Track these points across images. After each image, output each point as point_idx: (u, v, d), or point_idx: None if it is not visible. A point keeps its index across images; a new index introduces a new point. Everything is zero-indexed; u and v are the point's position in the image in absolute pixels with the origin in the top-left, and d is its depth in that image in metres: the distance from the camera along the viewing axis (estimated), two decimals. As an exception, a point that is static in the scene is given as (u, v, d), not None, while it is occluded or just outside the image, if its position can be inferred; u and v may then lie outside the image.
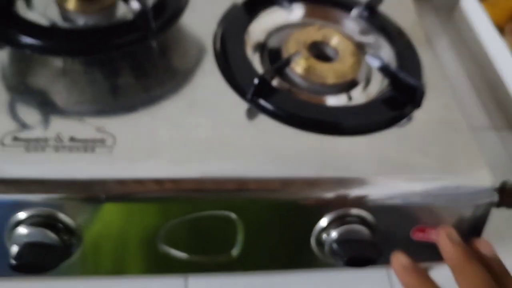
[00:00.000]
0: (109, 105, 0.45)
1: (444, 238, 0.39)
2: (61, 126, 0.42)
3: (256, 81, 0.43)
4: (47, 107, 0.43)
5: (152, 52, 0.50)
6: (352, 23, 0.56)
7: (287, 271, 0.46)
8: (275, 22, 0.55)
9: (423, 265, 0.49)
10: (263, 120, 0.44)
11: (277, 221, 0.42)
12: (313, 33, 0.52)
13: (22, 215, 0.38)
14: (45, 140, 0.40)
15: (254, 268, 0.44)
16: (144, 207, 0.40)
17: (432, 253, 0.45)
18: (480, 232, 0.45)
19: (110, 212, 0.39)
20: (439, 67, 0.52)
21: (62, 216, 0.38)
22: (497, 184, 0.45)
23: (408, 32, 0.56)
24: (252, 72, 0.46)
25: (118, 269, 0.42)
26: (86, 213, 0.39)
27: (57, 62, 0.48)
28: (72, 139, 0.40)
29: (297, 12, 0.56)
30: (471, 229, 0.45)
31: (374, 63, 0.49)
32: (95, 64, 0.48)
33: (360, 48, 0.54)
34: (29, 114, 0.42)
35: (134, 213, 0.40)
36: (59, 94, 0.45)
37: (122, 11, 0.53)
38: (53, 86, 0.45)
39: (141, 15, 0.49)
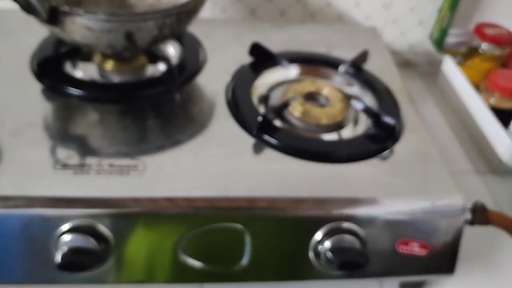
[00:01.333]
0: (140, 145, 0.54)
1: None
2: (102, 156, 0.51)
3: (259, 119, 0.53)
4: (88, 146, 0.52)
5: (175, 102, 0.60)
6: (340, 78, 0.67)
7: (291, 282, 0.53)
8: (276, 78, 0.65)
9: (411, 278, 0.55)
10: (268, 152, 0.53)
11: (281, 234, 0.50)
12: (308, 86, 0.62)
13: (66, 226, 0.46)
14: (89, 165, 0.49)
15: (262, 278, 0.51)
16: (168, 220, 0.48)
17: (417, 266, 0.52)
18: (457, 247, 0.52)
19: (140, 225, 0.47)
20: (416, 114, 0.62)
21: (100, 227, 0.47)
22: (469, 205, 0.52)
23: (387, 83, 0.66)
24: (257, 114, 0.56)
25: (146, 277, 0.49)
26: (120, 226, 0.47)
27: (95, 111, 0.58)
28: (111, 165, 0.49)
29: (294, 71, 0.67)
30: (449, 245, 0.52)
31: (358, 106, 0.59)
32: (127, 112, 0.59)
33: (348, 97, 0.64)
34: (74, 149, 0.51)
35: (160, 226, 0.48)
36: (97, 137, 0.55)
37: (151, 71, 0.64)
38: (92, 130, 0.55)
39: (168, 72, 0.60)
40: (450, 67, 0.89)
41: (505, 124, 0.74)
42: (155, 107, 0.59)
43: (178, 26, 0.56)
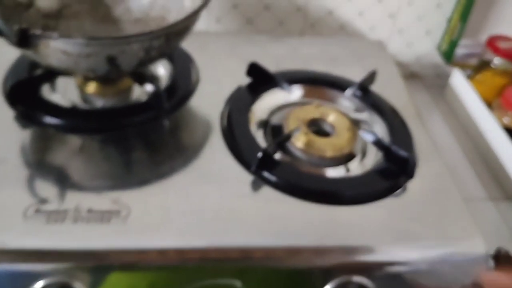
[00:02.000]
0: (124, 178, 0.48)
1: None
2: (80, 199, 0.45)
3: (259, 154, 0.47)
4: (67, 181, 0.46)
5: (164, 129, 0.54)
6: (346, 101, 0.61)
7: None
8: (276, 101, 0.59)
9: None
10: (267, 191, 0.47)
11: (281, 288, 0.44)
12: (312, 111, 0.56)
13: (39, 284, 0.40)
14: (65, 211, 0.43)
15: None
16: (155, 275, 0.42)
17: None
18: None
19: (120, 280, 0.42)
20: (430, 140, 0.56)
21: (77, 285, 0.41)
22: (492, 250, 0.47)
23: (399, 108, 0.60)
24: (256, 146, 0.50)
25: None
26: (98, 281, 0.41)
27: (75, 140, 0.52)
28: (89, 210, 0.43)
29: (296, 93, 0.61)
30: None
31: (368, 137, 0.53)
32: (111, 141, 0.53)
33: (355, 124, 0.58)
34: (50, 188, 0.45)
35: (145, 281, 0.42)
36: (77, 169, 0.49)
37: (137, 94, 0.58)
38: (71, 162, 0.49)
39: (155, 96, 0.54)
40: (459, 81, 0.83)
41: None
42: (141, 135, 0.53)
43: (167, 47, 0.50)
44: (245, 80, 0.61)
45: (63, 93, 0.57)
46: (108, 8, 0.62)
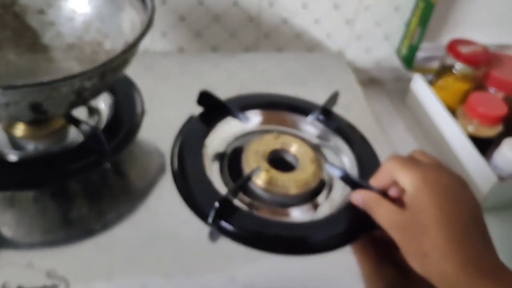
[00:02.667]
0: (61, 237, 0.42)
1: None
2: (8, 273, 0.38)
3: (216, 204, 0.42)
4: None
5: (105, 175, 0.48)
6: (309, 126, 0.56)
7: None
8: (233, 131, 0.54)
9: None
10: (227, 245, 0.42)
11: None
12: (272, 142, 0.51)
13: None
14: (-11, 293, 0.36)
15: None
16: None
17: None
18: None
19: None
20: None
21: None
22: None
23: (363, 126, 0.56)
24: (211, 191, 0.45)
25: None
26: None
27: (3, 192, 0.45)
28: (19, 288, 0.37)
29: (254, 120, 0.56)
30: None
31: (335, 173, 0.49)
32: (46, 191, 0.46)
33: (320, 152, 0.53)
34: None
35: None
36: (7, 226, 0.42)
37: (73, 133, 0.51)
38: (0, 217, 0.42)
39: (93, 138, 0.47)
40: (420, 87, 0.80)
41: (485, 154, 0.66)
42: (81, 183, 0.46)
43: (102, 85, 0.43)
44: (198, 106, 0.55)
45: (-14, 137, 0.50)
46: (35, 34, 0.54)
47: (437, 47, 0.82)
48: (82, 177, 0.47)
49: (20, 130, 0.49)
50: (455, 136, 0.72)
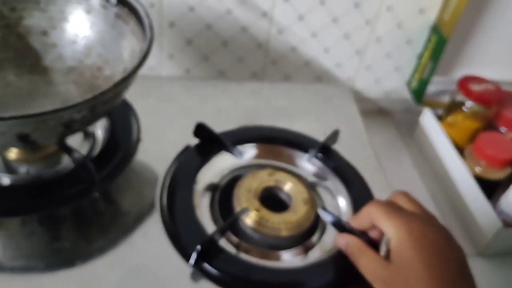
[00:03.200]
0: (43, 265, 0.41)
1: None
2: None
3: (198, 247, 0.41)
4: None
5: (95, 202, 0.47)
6: (306, 163, 0.55)
7: None
8: (227, 165, 0.53)
9: None
10: None
11: None
12: (265, 179, 0.50)
13: None
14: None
15: None
16: None
17: None
18: None
19: None
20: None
21: None
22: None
23: (363, 165, 0.54)
24: (197, 230, 0.44)
25: None
26: None
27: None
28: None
29: (249, 153, 0.54)
30: None
31: (327, 218, 0.47)
32: (35, 216, 0.46)
33: (315, 191, 0.52)
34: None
35: None
36: None
37: (67, 158, 0.51)
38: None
39: (83, 167, 0.47)
40: (429, 122, 0.78)
41: (492, 197, 0.64)
42: (68, 209, 0.46)
43: (94, 116, 0.43)
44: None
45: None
46: (37, 55, 0.54)
47: (448, 81, 0.80)
48: (70, 204, 0.46)
49: (13, 153, 0.49)
50: (461, 176, 0.70)
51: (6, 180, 0.49)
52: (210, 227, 0.46)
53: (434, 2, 0.72)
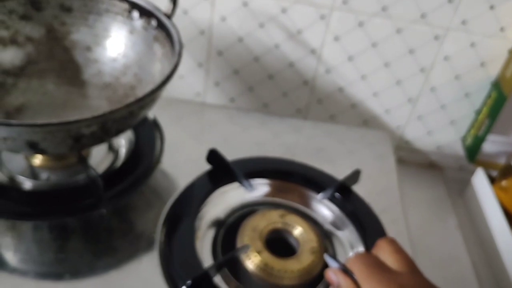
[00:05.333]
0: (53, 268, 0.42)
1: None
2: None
3: (189, 281, 0.39)
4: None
5: (102, 219, 0.47)
6: (322, 207, 0.52)
7: None
8: (238, 198, 0.51)
9: None
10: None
11: None
12: (275, 220, 0.47)
13: None
14: None
15: None
16: None
17: None
18: None
19: None
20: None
21: None
22: None
23: (383, 215, 0.50)
24: (193, 264, 0.42)
25: None
26: None
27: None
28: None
29: (260, 190, 0.52)
30: None
31: (333, 264, 0.43)
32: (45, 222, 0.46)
33: (329, 239, 0.49)
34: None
35: None
36: (5, 248, 0.43)
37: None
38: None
39: (94, 183, 0.47)
40: (481, 183, 0.72)
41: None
42: (78, 221, 0.46)
43: (106, 134, 0.43)
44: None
45: (10, 162, 0.51)
46: (78, 69, 0.56)
47: (507, 141, 0.73)
48: (78, 216, 0.47)
49: (38, 159, 0.51)
50: (508, 248, 0.63)
51: (28, 185, 0.50)
52: (208, 263, 0.44)
53: (497, 56, 0.67)
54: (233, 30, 0.69)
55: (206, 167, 0.52)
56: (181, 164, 0.54)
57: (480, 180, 0.72)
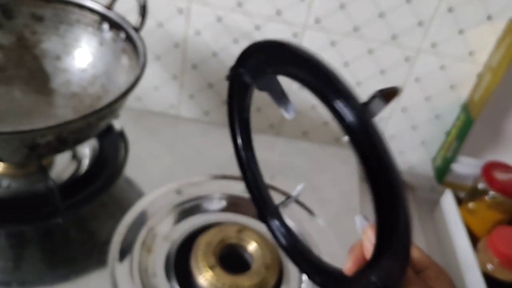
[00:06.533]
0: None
1: None
2: None
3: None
4: None
5: (59, 228, 0.47)
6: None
7: None
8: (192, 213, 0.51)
9: None
10: None
11: None
12: (230, 235, 0.48)
13: None
14: None
15: None
16: None
17: None
18: None
19: None
20: None
21: None
22: None
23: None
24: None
25: None
26: None
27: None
28: None
29: (216, 204, 0.53)
30: None
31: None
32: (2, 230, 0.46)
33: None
34: None
35: None
36: None
37: (57, 173, 0.52)
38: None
39: (51, 191, 0.47)
40: (449, 205, 0.72)
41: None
42: (35, 230, 0.46)
43: (63, 145, 0.43)
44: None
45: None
46: (47, 78, 0.57)
47: (475, 164, 0.74)
48: (34, 224, 0.47)
49: (0, 167, 0.51)
50: (470, 271, 0.63)
51: (-13, 192, 0.50)
52: (161, 277, 0.44)
53: (466, 79, 0.68)
54: (207, 45, 0.69)
55: (178, 178, 0.52)
56: (149, 174, 0.54)
57: (448, 202, 0.73)
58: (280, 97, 0.35)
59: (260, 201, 0.38)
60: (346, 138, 0.28)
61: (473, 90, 0.68)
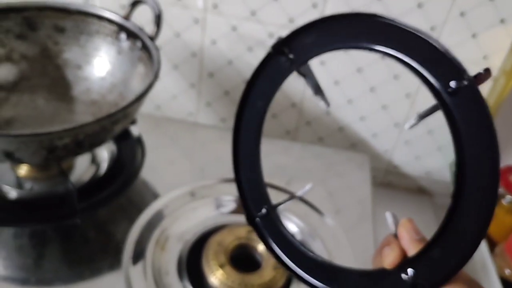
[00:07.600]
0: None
1: None
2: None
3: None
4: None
5: (77, 229, 0.49)
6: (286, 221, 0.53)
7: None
8: (205, 215, 0.53)
9: None
10: None
11: None
12: (241, 236, 0.49)
13: None
14: None
15: None
16: None
17: None
18: None
19: None
20: None
21: None
22: None
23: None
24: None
25: None
26: None
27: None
28: None
29: (229, 206, 0.54)
30: None
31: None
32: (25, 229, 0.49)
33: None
34: None
35: None
36: None
37: (77, 176, 0.54)
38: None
39: (69, 195, 0.49)
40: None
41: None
42: (55, 230, 0.48)
43: (80, 147, 0.45)
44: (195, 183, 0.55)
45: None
46: (68, 86, 0.59)
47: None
48: (55, 225, 0.49)
49: (23, 170, 0.53)
50: (488, 276, 0.62)
51: (13, 194, 0.53)
52: (173, 276, 0.45)
53: (482, 83, 0.67)
54: (223, 53, 0.71)
55: (193, 181, 0.54)
56: (166, 178, 0.56)
57: (465, 207, 0.72)
58: (316, 87, 0.35)
59: (251, 201, 0.36)
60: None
61: (488, 94, 0.68)
